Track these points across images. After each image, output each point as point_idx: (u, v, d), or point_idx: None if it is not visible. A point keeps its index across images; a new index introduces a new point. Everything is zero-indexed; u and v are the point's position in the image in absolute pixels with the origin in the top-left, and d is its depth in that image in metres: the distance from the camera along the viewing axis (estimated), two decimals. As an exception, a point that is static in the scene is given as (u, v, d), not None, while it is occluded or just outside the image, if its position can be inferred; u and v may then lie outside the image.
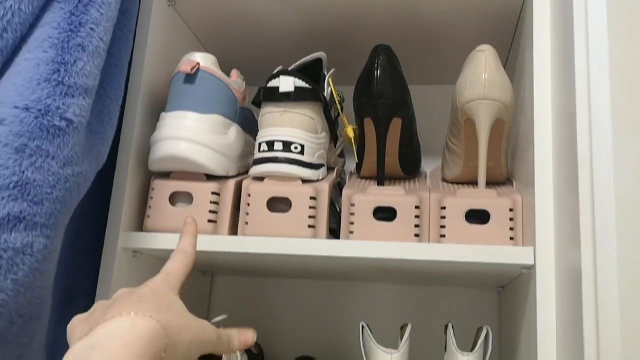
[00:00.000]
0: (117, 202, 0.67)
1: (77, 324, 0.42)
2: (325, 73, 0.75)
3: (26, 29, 0.51)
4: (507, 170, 0.75)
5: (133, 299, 0.40)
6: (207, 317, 0.95)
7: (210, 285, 0.97)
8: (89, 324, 0.40)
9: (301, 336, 0.94)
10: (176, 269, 0.48)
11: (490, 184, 0.72)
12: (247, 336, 0.49)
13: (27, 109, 0.48)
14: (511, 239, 0.64)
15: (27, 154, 0.47)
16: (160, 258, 0.77)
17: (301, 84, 0.67)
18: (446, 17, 0.77)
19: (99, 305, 0.43)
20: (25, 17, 0.50)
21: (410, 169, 0.77)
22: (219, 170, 0.68)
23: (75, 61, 0.51)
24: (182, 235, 0.52)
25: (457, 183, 0.77)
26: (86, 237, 0.66)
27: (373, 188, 0.68)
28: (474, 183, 0.76)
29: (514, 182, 0.72)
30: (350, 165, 0.88)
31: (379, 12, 0.77)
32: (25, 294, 0.47)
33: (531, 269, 0.60)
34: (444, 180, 0.80)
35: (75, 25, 0.52)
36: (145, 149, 0.70)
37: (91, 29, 0.53)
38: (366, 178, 0.79)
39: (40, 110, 0.48)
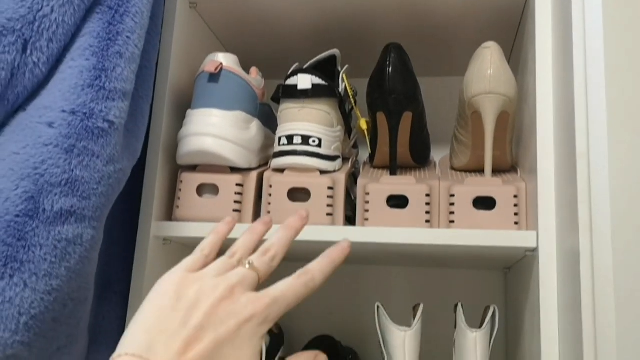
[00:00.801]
0: (148, 193, 0.72)
1: (155, 305, 0.36)
2: (339, 69, 0.80)
3: (69, 38, 0.56)
4: (512, 158, 0.79)
5: (206, 342, 0.34)
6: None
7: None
8: (156, 330, 0.34)
9: (319, 317, 0.99)
10: (287, 298, 0.39)
11: (496, 171, 0.76)
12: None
13: (73, 113, 0.53)
14: (515, 223, 0.68)
15: (75, 153, 0.52)
16: (188, 245, 0.82)
17: (318, 81, 0.72)
18: (454, 14, 0.81)
19: (192, 295, 0.36)
20: (68, 28, 0.55)
21: (420, 158, 0.82)
22: (241, 163, 0.73)
23: (114, 67, 0.56)
24: (323, 258, 0.43)
25: (465, 171, 0.82)
26: (120, 227, 0.71)
27: (386, 177, 0.73)
28: (480, 171, 0.81)
29: (518, 170, 0.77)
30: (363, 155, 0.93)
31: (389, 9, 0.81)
32: (76, 280, 0.53)
33: (534, 251, 0.65)
34: (452, 168, 0.85)
35: (113, 34, 0.57)
36: (173, 144, 0.75)
37: (127, 37, 0.58)
38: (379, 167, 0.83)
39: (85, 114, 0.53)
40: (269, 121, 0.82)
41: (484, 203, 0.70)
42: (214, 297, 0.36)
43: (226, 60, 0.74)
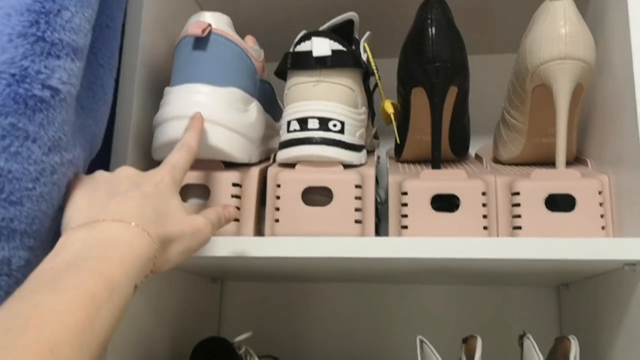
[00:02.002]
0: (114, 199, 0.54)
1: (79, 191, 0.40)
2: (357, 37, 0.63)
3: (-10, -32, 0.37)
4: (576, 146, 0.63)
5: (136, 197, 0.40)
6: (218, 332, 0.83)
7: (220, 293, 0.84)
8: (90, 204, 0.39)
9: (344, 342, 0.81)
10: (181, 162, 0.46)
11: (554, 163, 0.60)
12: (230, 211, 0.49)
13: (-6, 74, 0.35)
14: (602, 228, 0.52)
15: (-3, 135, 0.34)
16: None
17: (338, 46, 0.55)
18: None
19: (101, 180, 0.42)
20: (-12, -47, 0.37)
21: (459, 150, 0.65)
22: (240, 156, 0.55)
23: (59, 10, 0.38)
24: (187, 129, 0.50)
25: (517, 164, 0.66)
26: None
27: (427, 172, 0.56)
28: (535, 164, 0.65)
29: (588, 161, 0.61)
30: (383, 147, 0.76)
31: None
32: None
33: (637, 265, 0.49)
34: (498, 161, 0.68)
35: (57, -35, 0.39)
36: (146, 132, 0.57)
37: (78, -31, 0.40)
38: (407, 162, 0.67)
39: (13, 75, 0.35)
40: (270, 104, 0.65)
41: (555, 203, 0.54)
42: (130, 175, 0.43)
43: (216, 20, 0.56)
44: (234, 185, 0.55)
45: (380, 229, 0.65)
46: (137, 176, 0.43)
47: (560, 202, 0.54)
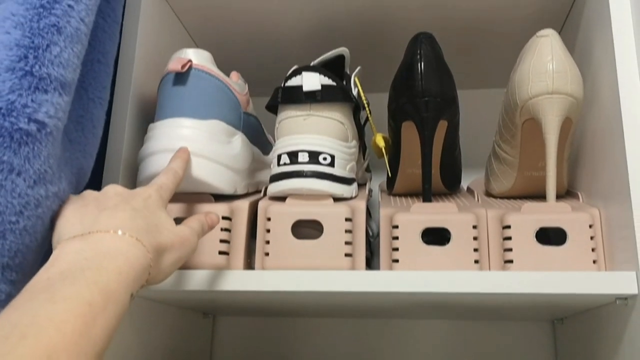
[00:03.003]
0: (103, 232, 0.53)
1: (69, 209, 0.41)
2: (348, 71, 0.63)
3: (-19, 4, 0.38)
4: (567, 180, 0.63)
5: (127, 210, 0.40)
6: (210, 367, 0.81)
7: (212, 328, 0.83)
8: (81, 218, 0.40)
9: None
10: (167, 183, 0.47)
11: (545, 197, 0.60)
12: (212, 217, 0.50)
13: (-19, 108, 0.35)
14: (594, 262, 0.52)
15: (-19, 168, 0.34)
16: (161, 301, 0.64)
17: (328, 81, 0.55)
18: (484, 9, 0.66)
19: (90, 197, 0.43)
20: (-21, -11, 0.38)
21: (451, 183, 0.65)
22: (225, 187, 0.56)
23: (48, 45, 0.38)
24: (173, 158, 0.51)
25: (507, 198, 0.66)
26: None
27: (418, 205, 0.56)
28: (527, 197, 0.65)
29: (579, 194, 0.61)
30: (376, 180, 0.76)
31: (406, 5, 0.66)
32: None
33: (628, 299, 0.49)
34: (490, 194, 0.68)
35: (47, 1, 0.40)
36: (137, 166, 0.57)
37: (69, 6, 0.41)
38: (399, 195, 0.67)
39: (0, 109, 0.35)
40: (257, 137, 0.65)
41: (546, 236, 0.54)
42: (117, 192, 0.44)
43: (197, 56, 0.57)
44: (224, 218, 0.54)
45: (373, 263, 0.64)
46: (125, 193, 0.44)
47: (551, 236, 0.54)
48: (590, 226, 0.53)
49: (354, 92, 0.60)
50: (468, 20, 0.69)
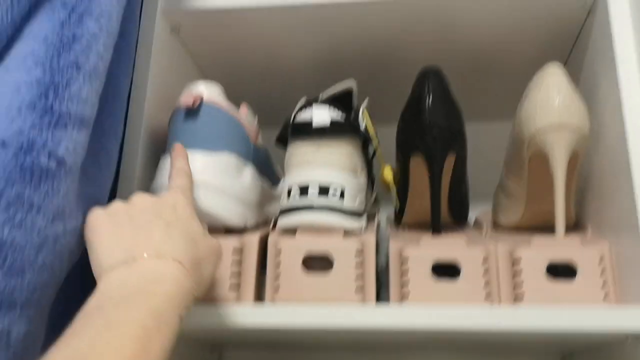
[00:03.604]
0: (113, 265, 0.53)
1: (104, 230, 0.41)
2: (356, 103, 0.64)
3: (3, 43, 0.39)
4: (575, 212, 0.63)
5: (162, 227, 0.41)
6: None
7: (218, 361, 0.82)
8: (119, 242, 0.39)
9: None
10: (186, 184, 0.48)
11: (554, 229, 0.60)
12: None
13: (2, 145, 0.35)
14: (604, 297, 0.52)
15: (1, 205, 0.34)
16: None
17: (337, 116, 0.56)
18: (490, 43, 0.68)
19: (121, 213, 0.42)
20: (1, 28, 0.38)
21: (459, 215, 0.66)
22: (236, 220, 0.56)
23: (67, 82, 0.39)
24: (175, 158, 0.51)
25: (515, 231, 0.66)
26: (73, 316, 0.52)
27: (427, 239, 0.56)
28: (535, 230, 0.65)
29: (588, 227, 0.61)
30: (383, 211, 0.77)
31: (414, 39, 0.67)
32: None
33: (640, 336, 0.49)
34: (497, 227, 0.68)
35: (67, 38, 0.40)
36: (148, 199, 0.57)
37: (88, 43, 0.42)
38: (408, 227, 0.67)
39: (21, 146, 0.36)
40: (266, 169, 0.65)
41: (555, 270, 0.54)
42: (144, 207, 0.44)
43: (208, 91, 0.57)
44: (234, 251, 0.55)
45: (381, 295, 0.64)
46: (154, 203, 0.44)
47: (560, 269, 0.54)
48: (601, 260, 0.53)
49: (362, 124, 0.60)
50: (474, 54, 0.70)
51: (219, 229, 0.56)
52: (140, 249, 0.38)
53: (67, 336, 0.31)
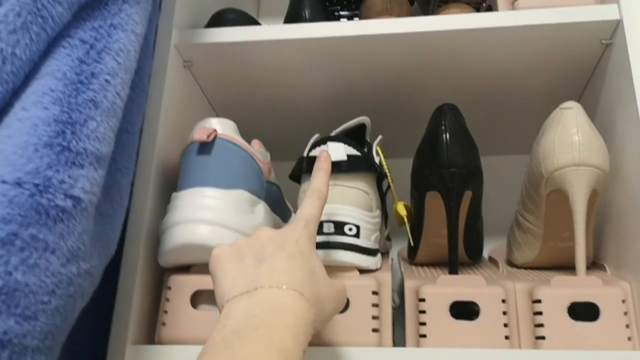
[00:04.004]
0: (123, 306, 0.52)
1: (228, 262, 0.41)
2: (368, 140, 0.64)
3: (21, 80, 0.38)
4: (592, 252, 0.62)
5: (284, 259, 0.40)
6: None
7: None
8: (243, 273, 0.40)
9: None
10: (314, 214, 0.46)
11: (571, 268, 0.59)
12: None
13: (19, 184, 0.34)
14: (629, 339, 0.50)
15: (17, 246, 0.33)
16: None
17: (353, 151, 0.55)
18: (504, 79, 0.67)
19: (244, 246, 0.43)
20: (19, 65, 0.38)
21: (474, 253, 0.65)
22: (249, 260, 0.54)
23: (85, 120, 0.38)
24: (315, 172, 0.50)
25: (531, 268, 0.65)
26: (81, 354, 0.50)
27: (445, 278, 0.55)
28: (551, 268, 0.64)
29: (607, 267, 0.60)
30: (395, 247, 0.75)
31: (429, 75, 0.67)
32: None
33: (669, 380, 0.47)
34: (512, 264, 0.67)
35: (85, 76, 0.40)
36: (159, 237, 0.56)
37: (106, 80, 0.41)
38: (421, 265, 0.66)
39: (37, 186, 0.35)
40: (278, 205, 0.64)
41: (574, 310, 0.52)
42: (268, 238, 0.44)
43: (222, 126, 0.57)
44: (247, 291, 0.53)
45: (395, 336, 0.63)
46: (276, 237, 0.43)
47: (579, 310, 0.53)
48: (623, 301, 0.52)
49: (376, 160, 0.60)
50: (487, 90, 0.70)
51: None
52: (262, 279, 0.38)
53: None
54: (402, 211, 0.62)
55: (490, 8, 0.72)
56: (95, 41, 0.42)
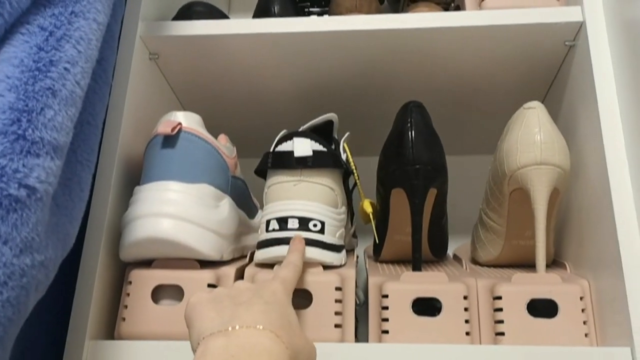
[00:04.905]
0: (82, 300, 0.51)
1: (204, 306, 0.41)
2: (336, 137, 0.64)
3: (-25, 66, 0.37)
4: (553, 250, 0.63)
5: (261, 304, 0.41)
6: None
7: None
8: (219, 313, 0.40)
9: None
10: (290, 277, 0.47)
11: (533, 266, 0.60)
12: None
13: (-30, 172, 0.33)
14: (585, 335, 0.51)
15: (-34, 237, 0.32)
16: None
17: (319, 147, 0.55)
18: (471, 78, 0.68)
19: (222, 293, 0.43)
20: (-26, 51, 0.37)
21: (438, 250, 0.65)
22: (212, 253, 0.54)
23: (42, 109, 0.38)
24: (290, 252, 0.51)
25: (494, 266, 0.65)
26: (38, 349, 0.49)
27: (408, 274, 0.55)
28: (514, 266, 0.65)
29: (567, 265, 0.61)
30: (361, 245, 0.75)
31: (397, 72, 0.67)
32: None
33: (624, 377, 0.48)
34: (476, 262, 0.68)
35: (43, 64, 0.39)
36: (120, 231, 0.55)
37: (65, 69, 0.40)
38: (386, 262, 0.66)
39: (-11, 174, 0.34)
40: (244, 201, 0.64)
41: (534, 307, 0.53)
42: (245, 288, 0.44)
43: (187, 119, 0.56)
44: (209, 286, 0.53)
45: (359, 332, 0.63)
46: (254, 286, 0.44)
47: (539, 307, 0.54)
48: (581, 298, 0.52)
49: (343, 157, 0.60)
50: (455, 90, 0.71)
51: (193, 262, 0.54)
52: (239, 320, 0.38)
53: None
54: (368, 208, 0.62)
55: (459, 8, 0.72)
56: (55, 28, 0.41)
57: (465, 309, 0.52)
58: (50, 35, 0.40)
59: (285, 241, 0.53)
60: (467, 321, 0.52)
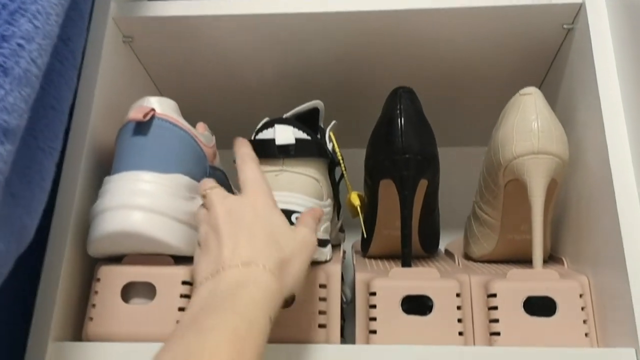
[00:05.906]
0: (46, 298, 0.47)
1: (197, 254, 0.43)
2: (322, 125, 0.60)
3: None
4: (550, 244, 0.60)
5: (244, 234, 0.41)
6: None
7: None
8: (207, 258, 0.41)
9: None
10: (257, 175, 0.46)
11: (529, 261, 0.57)
12: (316, 210, 0.50)
13: None
14: (585, 335, 0.48)
15: None
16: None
17: (302, 135, 0.52)
18: (464, 62, 0.65)
19: (207, 227, 0.43)
20: None
21: (429, 245, 0.62)
22: (186, 249, 0.50)
23: (-10, 88, 0.34)
24: (239, 147, 0.50)
25: (488, 262, 0.62)
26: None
27: (397, 270, 0.52)
28: (508, 261, 0.62)
29: (564, 260, 0.58)
30: (349, 239, 0.72)
31: (386, 56, 0.64)
32: None
33: (628, 379, 0.45)
34: (469, 258, 0.65)
35: (-7, 38, 0.35)
36: (88, 223, 0.51)
37: (19, 45, 0.36)
38: (375, 257, 0.62)
39: None
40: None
41: (530, 304, 0.50)
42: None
43: (160, 105, 0.53)
44: (184, 283, 0.49)
45: (346, 331, 0.59)
46: (233, 209, 0.43)
47: (536, 305, 0.50)
48: (581, 296, 0.49)
49: (329, 147, 0.56)
50: (446, 76, 0.67)
51: (167, 258, 0.51)
52: (225, 261, 0.40)
53: (165, 346, 0.33)
54: (356, 201, 0.59)
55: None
56: (8, 1, 0.37)
57: (458, 308, 0.49)
58: (2, 8, 0.36)
59: (266, 235, 0.49)
60: (460, 320, 0.49)
